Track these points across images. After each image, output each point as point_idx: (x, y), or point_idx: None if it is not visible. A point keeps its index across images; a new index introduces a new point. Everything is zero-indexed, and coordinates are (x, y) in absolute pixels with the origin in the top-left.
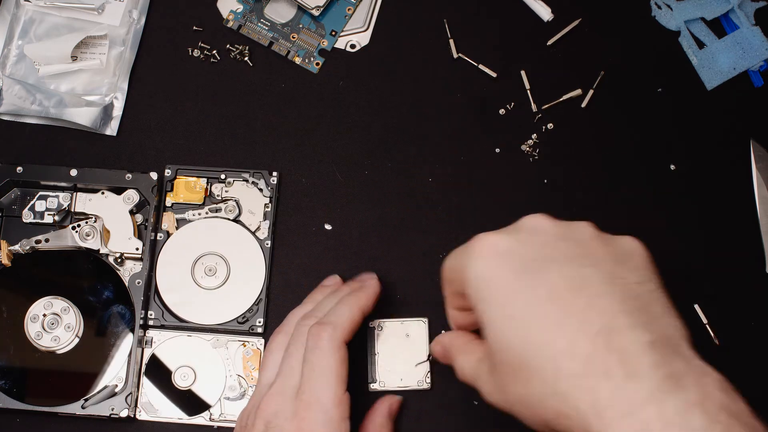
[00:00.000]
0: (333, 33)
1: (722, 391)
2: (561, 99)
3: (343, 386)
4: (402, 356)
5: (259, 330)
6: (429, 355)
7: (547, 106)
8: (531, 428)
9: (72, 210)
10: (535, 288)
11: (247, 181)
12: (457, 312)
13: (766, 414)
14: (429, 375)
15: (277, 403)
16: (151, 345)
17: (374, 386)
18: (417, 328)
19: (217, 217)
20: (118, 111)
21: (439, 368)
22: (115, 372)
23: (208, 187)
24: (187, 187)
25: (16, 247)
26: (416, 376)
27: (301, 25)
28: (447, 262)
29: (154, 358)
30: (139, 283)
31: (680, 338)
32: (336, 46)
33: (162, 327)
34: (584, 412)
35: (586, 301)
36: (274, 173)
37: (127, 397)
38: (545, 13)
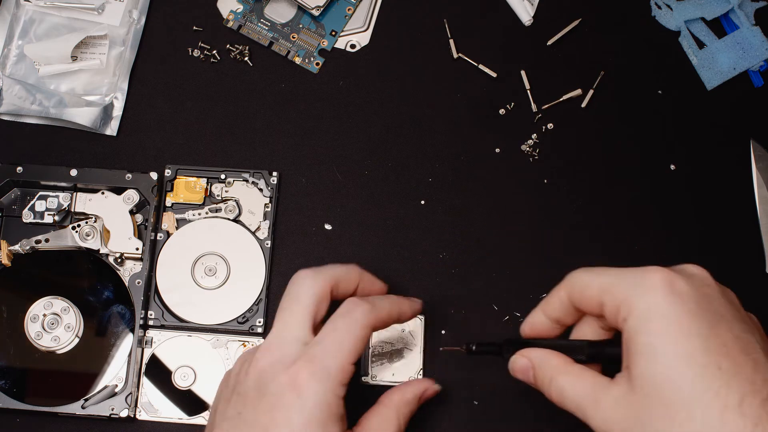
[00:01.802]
0: (333, 33)
1: None
2: (561, 99)
3: (355, 358)
4: (396, 352)
5: (259, 330)
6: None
7: (547, 106)
8: None
9: (72, 210)
10: (709, 337)
11: (247, 181)
12: (547, 320)
13: None
14: (421, 373)
15: (274, 353)
16: (151, 345)
17: (365, 379)
18: (413, 325)
19: (217, 217)
20: (118, 111)
21: (431, 368)
22: (115, 372)
23: (208, 187)
24: (187, 187)
25: (16, 247)
26: (408, 373)
27: (301, 25)
28: (596, 278)
29: (154, 358)
30: (139, 283)
31: None
32: (336, 46)
33: (162, 327)
34: None
35: (752, 365)
36: (274, 173)
37: (127, 397)
38: (525, 16)
